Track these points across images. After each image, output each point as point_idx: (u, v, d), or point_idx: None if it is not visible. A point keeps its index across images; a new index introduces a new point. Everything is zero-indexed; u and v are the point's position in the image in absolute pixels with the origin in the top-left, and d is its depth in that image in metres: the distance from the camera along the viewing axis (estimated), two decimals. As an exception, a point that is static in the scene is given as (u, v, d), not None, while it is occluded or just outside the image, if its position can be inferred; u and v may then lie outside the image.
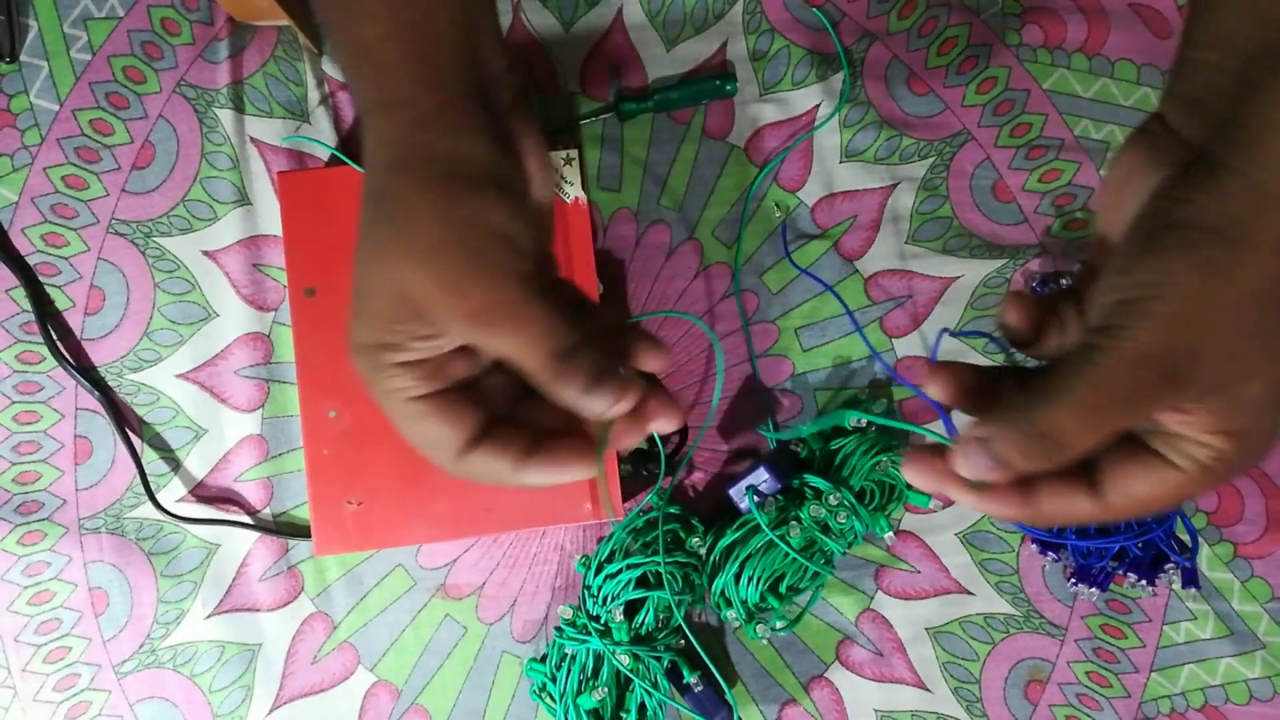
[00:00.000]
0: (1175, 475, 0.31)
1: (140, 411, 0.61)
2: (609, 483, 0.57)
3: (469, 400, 0.33)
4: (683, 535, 0.58)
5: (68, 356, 0.60)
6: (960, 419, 0.62)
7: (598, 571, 0.57)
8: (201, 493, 0.61)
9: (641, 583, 0.57)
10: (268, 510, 0.61)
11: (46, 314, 0.61)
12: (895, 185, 0.61)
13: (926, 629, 0.61)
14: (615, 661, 0.55)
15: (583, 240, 0.58)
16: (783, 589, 0.58)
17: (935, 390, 0.35)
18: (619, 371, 0.32)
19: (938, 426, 0.61)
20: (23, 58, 0.61)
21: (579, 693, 0.56)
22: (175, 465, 0.61)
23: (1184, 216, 0.29)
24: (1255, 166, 0.28)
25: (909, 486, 0.60)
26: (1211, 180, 0.28)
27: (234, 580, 0.61)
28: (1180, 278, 0.28)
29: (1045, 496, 0.32)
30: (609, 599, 0.56)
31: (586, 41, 0.61)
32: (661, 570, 0.56)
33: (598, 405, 0.32)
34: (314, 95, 0.61)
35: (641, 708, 0.56)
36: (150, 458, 0.61)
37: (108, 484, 0.61)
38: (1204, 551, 0.60)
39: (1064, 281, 0.58)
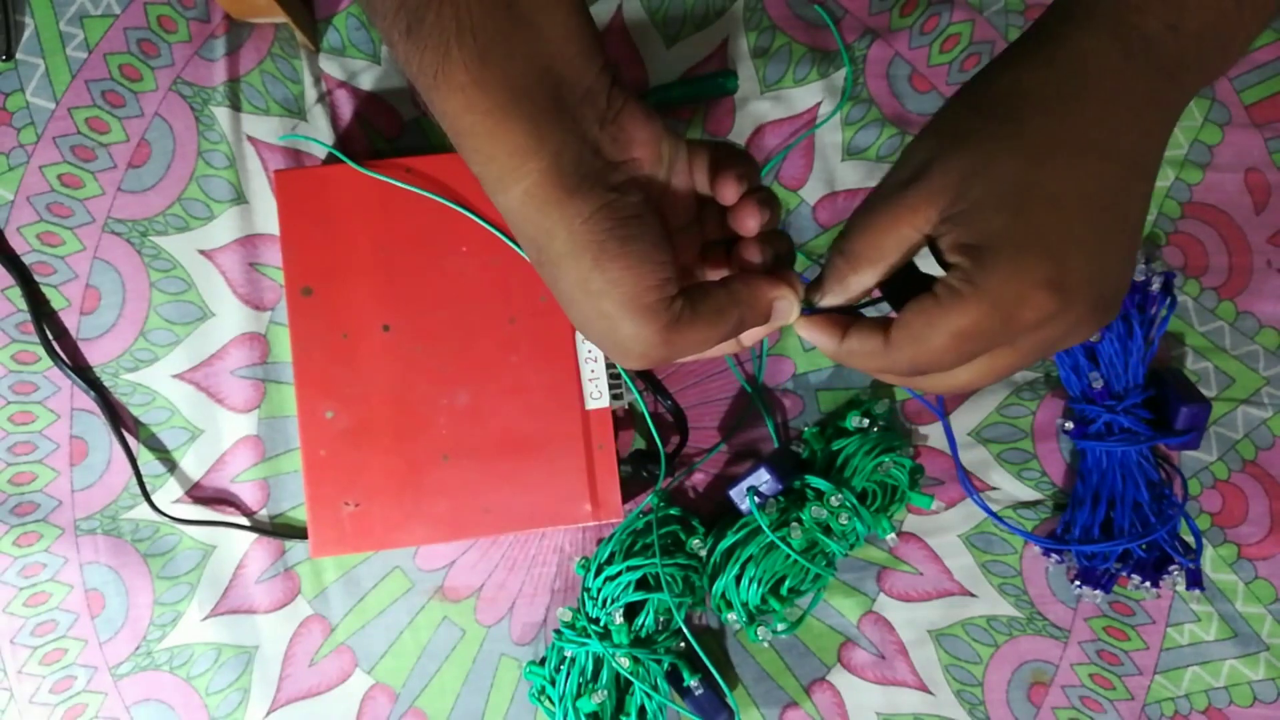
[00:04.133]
0: (930, 301, 0.32)
1: (136, 412, 0.60)
2: (609, 480, 0.57)
3: None
4: (683, 537, 0.58)
5: (63, 356, 0.60)
6: (956, 421, 0.61)
7: (597, 574, 0.57)
8: (198, 494, 0.61)
9: (641, 585, 0.56)
10: (264, 511, 0.61)
11: (42, 313, 0.60)
12: None
13: (929, 631, 0.60)
14: (615, 664, 0.55)
15: (582, 239, 0.57)
16: (784, 591, 0.57)
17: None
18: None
19: (936, 428, 0.60)
20: (19, 56, 0.60)
21: (578, 696, 0.55)
22: (171, 466, 0.60)
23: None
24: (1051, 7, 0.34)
25: (910, 487, 0.59)
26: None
27: (230, 582, 0.60)
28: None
29: (852, 333, 0.35)
30: (608, 601, 0.56)
31: (586, 39, 0.61)
32: (660, 573, 0.55)
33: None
34: (311, 93, 0.61)
35: (641, 711, 0.56)
36: (146, 458, 0.60)
37: (104, 485, 0.60)
38: (1208, 553, 0.60)
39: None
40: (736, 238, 0.37)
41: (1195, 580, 0.57)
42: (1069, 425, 0.58)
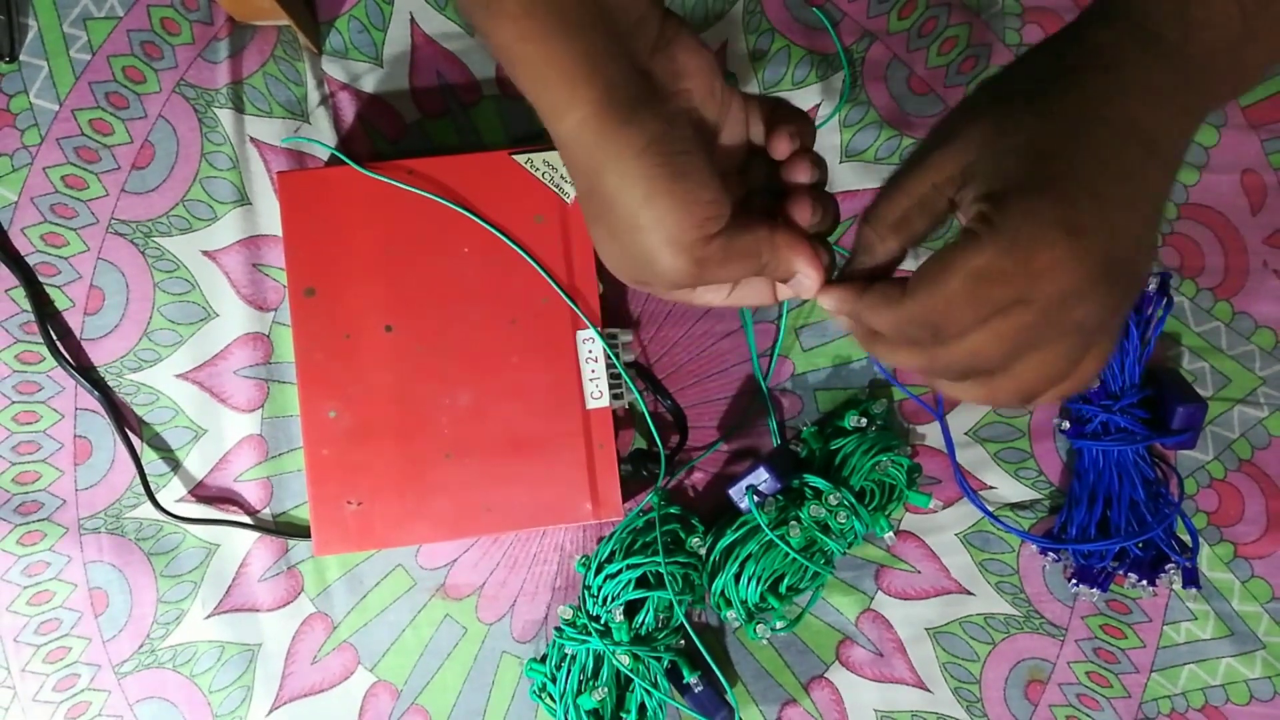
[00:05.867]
0: (946, 249, 0.33)
1: (140, 411, 0.61)
2: (610, 479, 0.57)
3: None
4: (683, 535, 0.58)
5: (67, 356, 0.60)
6: (953, 421, 0.62)
7: (598, 572, 0.57)
8: (201, 493, 0.61)
9: (641, 583, 0.57)
10: (267, 510, 0.61)
11: (46, 314, 0.60)
12: None
13: (927, 629, 0.61)
14: (615, 661, 0.55)
15: (583, 240, 0.58)
16: (783, 589, 0.58)
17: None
18: None
19: (934, 428, 0.61)
20: (22, 57, 0.61)
21: (579, 693, 0.56)
22: (175, 465, 0.61)
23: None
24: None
25: (908, 485, 0.60)
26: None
27: (234, 580, 0.61)
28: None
29: (873, 289, 0.36)
30: (609, 599, 0.56)
31: (586, 41, 0.61)
32: (662, 570, 0.56)
33: None
34: (314, 95, 0.61)
35: (641, 708, 0.56)
36: (150, 458, 0.61)
37: (107, 484, 0.61)
38: (1204, 551, 0.60)
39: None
40: (782, 191, 0.38)
41: (1192, 579, 0.58)
42: (1065, 425, 0.59)
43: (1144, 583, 0.57)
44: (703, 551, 0.58)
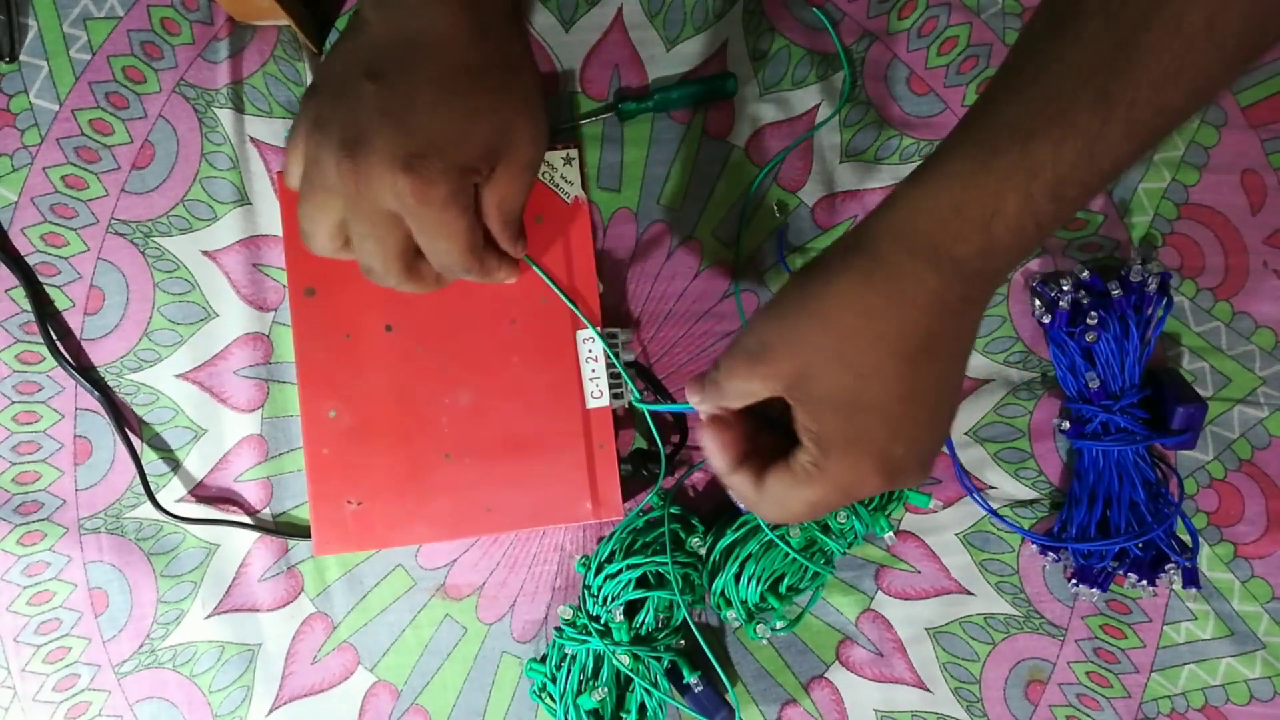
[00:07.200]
0: (788, 474, 0.39)
1: (140, 411, 0.61)
2: (610, 478, 0.57)
3: None
4: (682, 535, 0.58)
5: (67, 356, 0.60)
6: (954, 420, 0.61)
7: (598, 572, 0.57)
8: (201, 493, 0.61)
9: (641, 583, 0.57)
10: (267, 510, 0.61)
11: (46, 314, 0.61)
12: (896, 185, 0.61)
13: (927, 629, 0.61)
14: (615, 661, 0.55)
15: (583, 240, 0.58)
16: (783, 589, 0.58)
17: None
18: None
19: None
20: (22, 57, 0.61)
21: (579, 693, 0.56)
22: (175, 465, 0.61)
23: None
24: (880, 215, 0.38)
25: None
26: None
27: (234, 580, 0.61)
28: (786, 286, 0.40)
29: (742, 471, 0.42)
30: (609, 599, 0.56)
31: (586, 41, 0.61)
32: (667, 570, 0.56)
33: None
34: (314, 95, 0.61)
35: (642, 708, 0.56)
36: (150, 458, 0.61)
37: (107, 484, 0.61)
38: (1204, 552, 0.60)
39: (1064, 284, 0.58)
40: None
41: (1191, 579, 0.58)
42: (1065, 425, 0.59)
43: (1144, 583, 0.57)
44: (702, 551, 0.58)
